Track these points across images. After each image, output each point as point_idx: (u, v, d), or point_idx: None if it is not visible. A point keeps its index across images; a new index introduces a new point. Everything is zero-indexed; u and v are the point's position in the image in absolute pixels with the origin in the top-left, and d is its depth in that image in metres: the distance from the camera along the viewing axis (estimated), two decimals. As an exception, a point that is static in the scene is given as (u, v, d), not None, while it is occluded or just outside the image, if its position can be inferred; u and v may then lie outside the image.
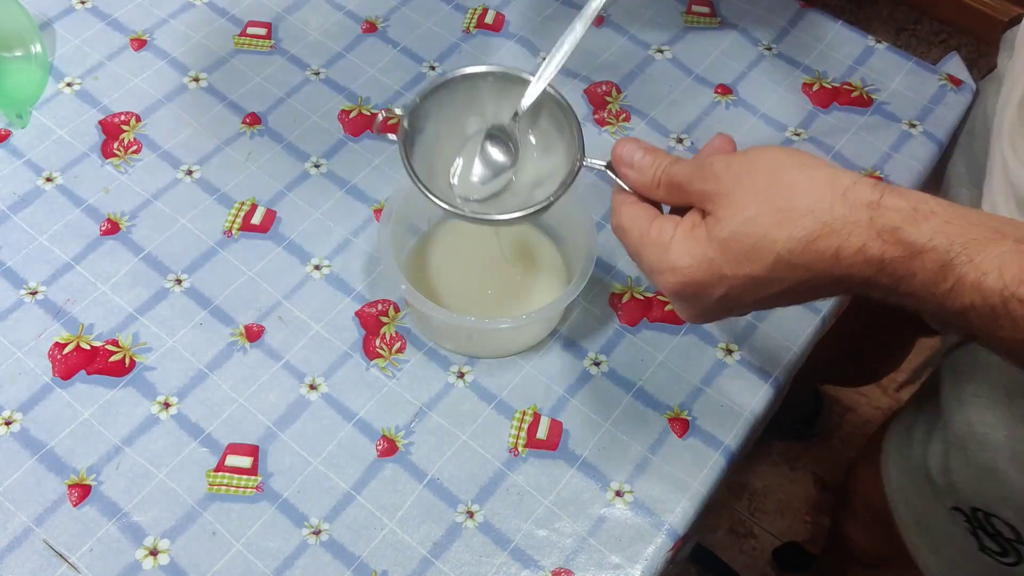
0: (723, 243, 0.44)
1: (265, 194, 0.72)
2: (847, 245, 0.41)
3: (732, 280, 0.44)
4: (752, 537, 1.36)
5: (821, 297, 0.46)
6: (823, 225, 0.42)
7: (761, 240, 0.43)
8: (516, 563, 0.59)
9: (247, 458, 0.61)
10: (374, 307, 0.68)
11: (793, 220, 0.42)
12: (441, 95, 0.56)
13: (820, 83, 0.81)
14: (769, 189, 0.43)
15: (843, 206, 0.42)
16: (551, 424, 0.64)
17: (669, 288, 0.47)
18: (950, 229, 0.41)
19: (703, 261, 0.45)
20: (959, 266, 0.40)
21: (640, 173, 0.49)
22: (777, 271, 0.43)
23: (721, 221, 0.44)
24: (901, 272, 0.41)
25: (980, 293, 0.40)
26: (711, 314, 0.48)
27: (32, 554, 0.57)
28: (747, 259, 0.43)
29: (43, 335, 0.65)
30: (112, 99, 0.76)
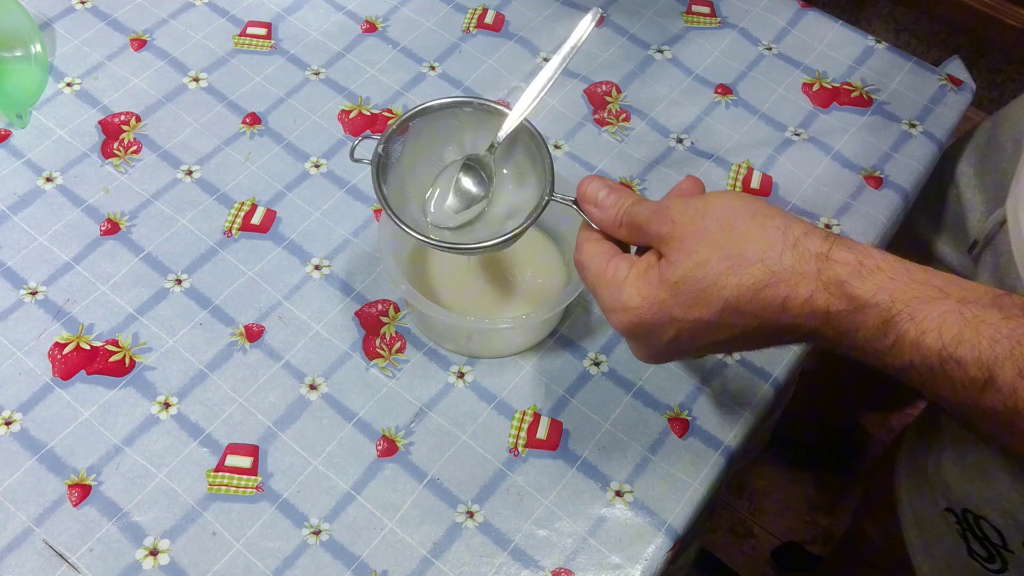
0: (674, 286, 0.45)
1: (265, 194, 0.72)
2: (795, 295, 0.42)
3: (682, 323, 0.45)
4: (752, 537, 1.36)
5: (773, 345, 0.47)
6: (772, 274, 0.43)
7: (711, 285, 0.44)
8: (516, 563, 0.59)
9: (247, 458, 0.61)
10: (374, 307, 0.68)
11: (743, 267, 0.43)
12: (418, 123, 0.57)
13: (820, 83, 0.81)
14: (722, 235, 0.44)
15: (792, 256, 0.43)
16: (551, 424, 0.64)
17: (621, 327, 0.48)
18: (894, 286, 0.41)
19: (654, 303, 0.46)
20: (900, 323, 0.41)
21: (603, 212, 0.50)
22: (725, 316, 0.44)
23: (673, 264, 0.45)
24: (845, 326, 0.42)
25: (919, 352, 0.40)
26: (663, 355, 0.49)
27: (32, 554, 0.57)
28: (696, 303, 0.44)
29: (43, 335, 0.65)
30: (112, 99, 0.77)
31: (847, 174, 0.76)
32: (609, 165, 0.75)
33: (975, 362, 0.39)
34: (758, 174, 0.76)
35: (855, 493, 1.10)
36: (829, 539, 1.36)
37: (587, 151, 0.76)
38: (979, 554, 0.63)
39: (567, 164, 0.75)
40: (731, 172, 0.76)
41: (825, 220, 0.73)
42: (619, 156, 0.76)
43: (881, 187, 0.75)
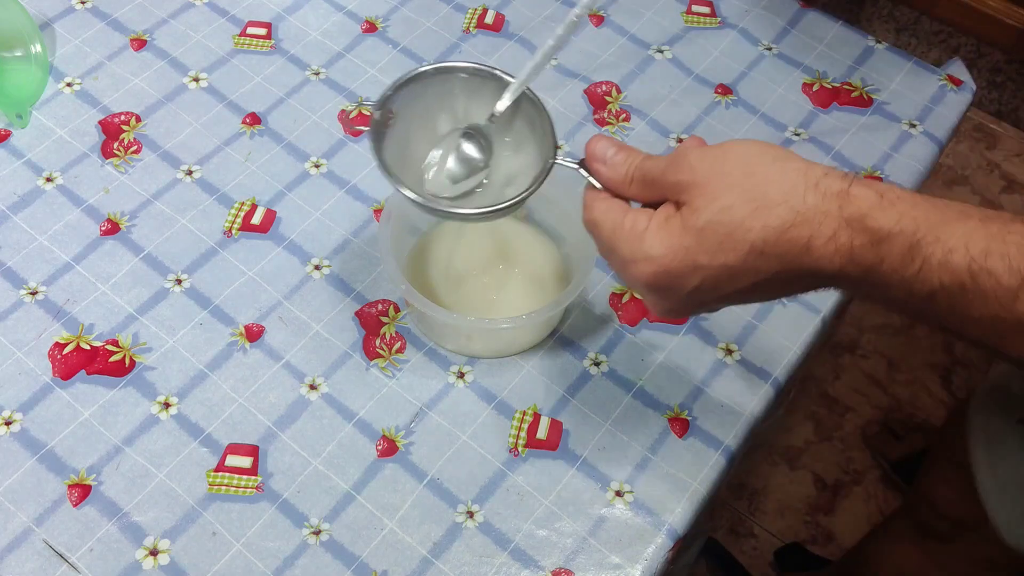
0: (699, 232, 0.44)
1: (265, 194, 0.72)
2: (818, 234, 0.42)
3: (707, 270, 0.44)
4: (752, 537, 1.36)
5: (792, 293, 0.47)
6: (796, 214, 0.42)
7: (737, 229, 0.43)
8: (516, 563, 0.59)
9: (247, 458, 0.61)
10: (374, 307, 0.68)
11: (767, 209, 0.43)
12: (413, 89, 0.56)
13: (820, 83, 0.81)
14: (744, 180, 0.44)
15: (815, 196, 0.43)
16: (551, 424, 0.64)
17: (643, 278, 0.46)
18: (916, 212, 0.42)
19: (678, 250, 0.45)
20: (926, 247, 0.41)
21: (613, 170, 0.49)
22: (750, 261, 0.43)
23: (696, 211, 0.44)
24: (870, 259, 0.42)
25: (948, 271, 0.40)
26: (683, 308, 0.48)
27: (32, 554, 0.57)
28: (722, 248, 0.44)
29: (43, 335, 0.65)
30: (112, 99, 0.76)
31: (847, 174, 0.76)
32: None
33: (1007, 270, 0.39)
34: (758, 174, 0.75)
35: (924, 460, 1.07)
36: (829, 539, 1.36)
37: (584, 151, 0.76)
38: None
39: (567, 164, 0.75)
40: (731, 172, 0.75)
41: (825, 220, 0.73)
42: (619, 156, 0.76)
43: (881, 187, 0.75)
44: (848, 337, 1.54)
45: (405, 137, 0.56)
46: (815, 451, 1.43)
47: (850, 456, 1.43)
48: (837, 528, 1.37)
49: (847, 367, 1.51)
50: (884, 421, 1.44)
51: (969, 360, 1.53)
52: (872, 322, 1.56)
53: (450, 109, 0.57)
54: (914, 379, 1.50)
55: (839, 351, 1.52)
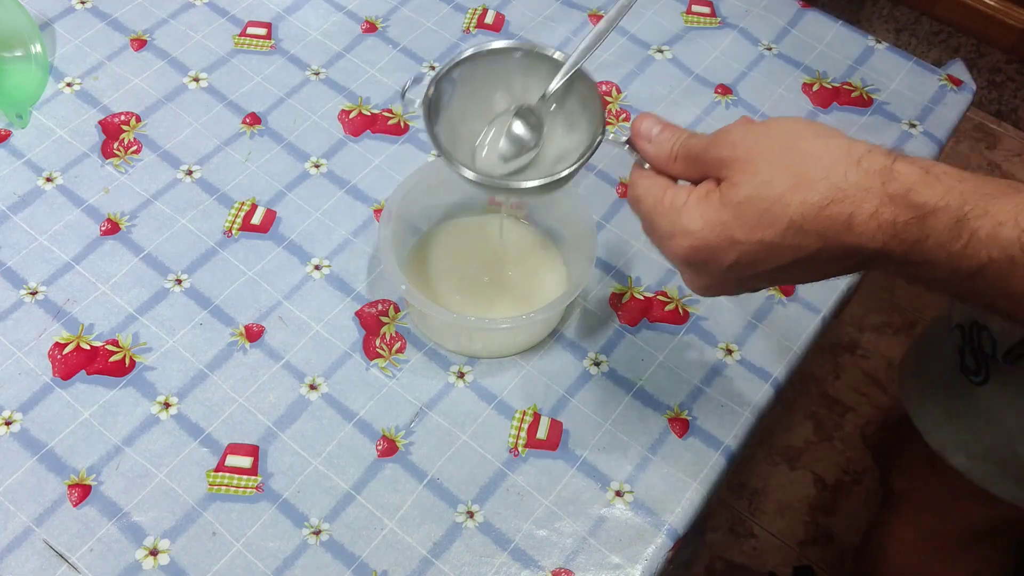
0: (737, 207, 0.44)
1: (265, 194, 0.72)
2: (860, 211, 0.41)
3: (744, 246, 0.44)
4: (752, 537, 1.36)
5: (833, 274, 0.46)
6: (837, 190, 0.42)
7: (775, 204, 0.43)
8: (516, 563, 0.59)
9: (247, 458, 0.61)
10: (374, 307, 0.68)
11: (808, 185, 0.42)
12: (468, 68, 0.56)
13: (820, 83, 0.81)
14: (785, 155, 0.43)
15: (857, 173, 0.42)
16: (551, 424, 0.64)
17: (680, 253, 0.46)
18: (963, 187, 0.41)
19: (716, 224, 0.44)
20: (973, 219, 0.40)
21: (658, 147, 0.49)
22: (789, 237, 0.43)
23: (736, 185, 0.44)
24: (914, 235, 0.41)
25: (997, 244, 0.39)
26: (721, 285, 0.48)
27: (32, 554, 0.57)
28: (760, 223, 0.43)
29: (43, 335, 0.65)
30: (112, 99, 0.77)
31: (847, 174, 0.76)
32: (609, 165, 0.75)
33: None
34: (758, 174, 0.75)
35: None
36: (829, 539, 1.36)
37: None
38: (969, 367, 0.67)
39: (567, 164, 0.75)
40: (731, 172, 0.75)
41: (825, 220, 0.73)
42: (619, 156, 0.76)
43: (881, 187, 0.75)
44: (848, 337, 1.54)
45: (459, 115, 0.56)
46: (815, 451, 1.43)
47: (850, 456, 1.43)
48: (837, 528, 1.37)
49: (847, 367, 1.51)
50: (884, 422, 1.44)
51: (969, 360, 1.53)
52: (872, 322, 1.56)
53: (506, 87, 0.57)
54: (914, 379, 1.50)
55: (839, 351, 1.52)
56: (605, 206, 0.73)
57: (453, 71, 0.56)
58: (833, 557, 1.35)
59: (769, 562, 1.34)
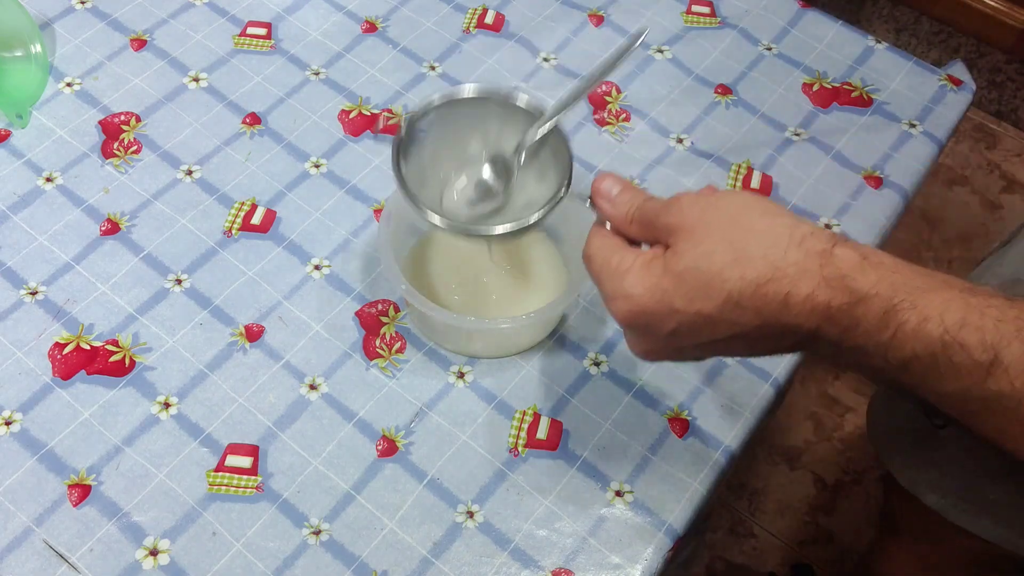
0: (678, 276, 0.44)
1: (265, 194, 0.72)
2: (797, 291, 0.42)
3: (682, 315, 0.45)
4: (752, 537, 1.36)
5: (775, 351, 0.46)
6: (775, 269, 0.42)
7: (714, 277, 0.43)
8: (516, 563, 0.59)
9: (247, 458, 0.61)
10: (374, 307, 0.68)
11: (748, 261, 0.43)
12: (445, 111, 0.57)
13: (820, 83, 0.81)
14: (729, 230, 0.44)
15: (797, 253, 0.42)
16: (551, 424, 0.64)
17: (621, 315, 0.47)
18: (895, 278, 0.41)
19: (656, 291, 0.45)
20: (901, 312, 0.40)
21: (615, 208, 0.50)
22: (727, 311, 0.43)
23: (679, 254, 0.45)
24: (846, 321, 0.42)
25: (921, 340, 0.40)
26: (661, 351, 0.49)
27: (32, 554, 0.57)
28: (699, 295, 0.44)
29: (43, 335, 0.65)
30: (112, 99, 0.77)
31: (847, 174, 0.76)
32: (609, 165, 0.75)
33: (979, 344, 0.39)
34: (758, 174, 0.76)
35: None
36: (829, 539, 1.36)
37: (587, 151, 0.76)
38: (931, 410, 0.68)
39: (567, 164, 0.75)
40: (731, 172, 0.76)
41: (825, 220, 0.73)
42: (619, 156, 0.76)
43: (881, 187, 0.75)
44: (848, 337, 1.53)
45: (431, 157, 0.57)
46: (815, 451, 1.43)
47: (850, 456, 1.43)
48: (837, 528, 1.37)
49: (847, 367, 1.51)
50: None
51: (969, 360, 1.52)
52: (872, 322, 1.56)
53: (482, 134, 0.58)
54: (914, 379, 1.50)
55: (839, 351, 1.52)
56: (605, 206, 0.73)
57: (430, 113, 0.56)
58: (833, 557, 1.35)
59: (769, 562, 1.34)
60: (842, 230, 0.73)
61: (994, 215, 1.69)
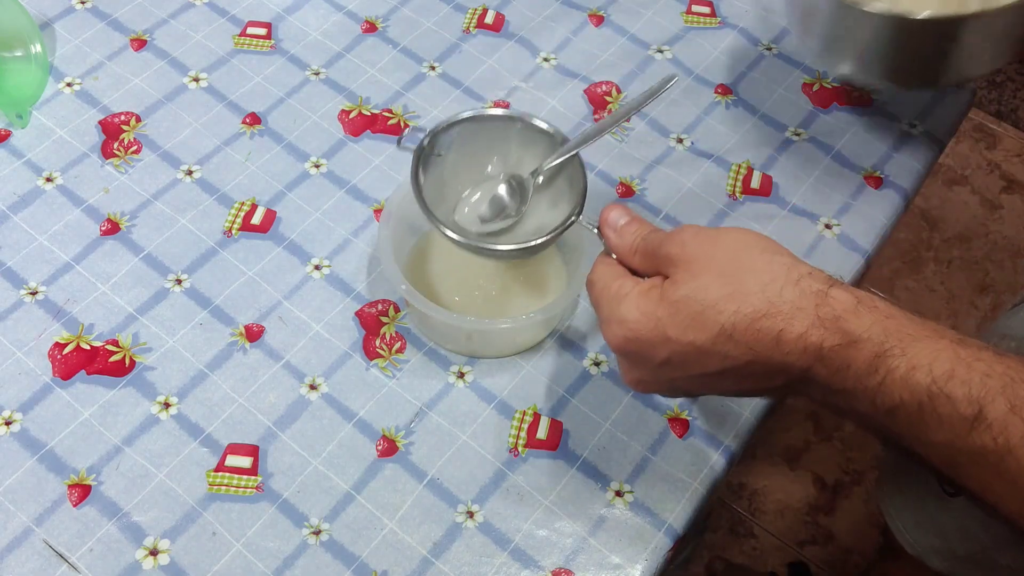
0: (673, 305, 0.45)
1: (265, 194, 0.72)
2: (790, 329, 0.42)
3: (675, 345, 0.45)
4: (752, 537, 1.36)
5: (765, 390, 0.47)
6: (770, 305, 0.43)
7: (709, 309, 0.44)
8: (516, 563, 0.59)
9: (247, 458, 0.61)
10: (374, 307, 0.68)
11: (743, 296, 0.43)
12: (469, 127, 0.59)
13: (820, 83, 0.81)
14: (728, 263, 0.45)
15: (793, 292, 0.43)
16: (551, 424, 0.64)
17: (616, 340, 0.47)
18: (888, 323, 0.42)
19: (650, 319, 0.45)
20: (891, 359, 0.41)
21: (621, 238, 0.51)
22: (719, 344, 0.44)
23: (676, 284, 0.45)
24: (837, 363, 0.42)
25: (908, 388, 0.40)
26: (653, 382, 0.49)
27: (32, 554, 0.57)
28: (692, 325, 0.44)
29: (43, 335, 0.65)
30: (112, 99, 0.77)
31: (847, 174, 0.76)
32: (609, 165, 0.75)
33: (965, 398, 0.39)
34: (758, 174, 0.76)
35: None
36: (829, 539, 1.36)
37: (587, 151, 0.76)
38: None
39: (567, 164, 0.75)
40: (731, 172, 0.76)
41: (825, 220, 0.73)
42: (619, 156, 0.76)
43: (881, 187, 0.75)
44: (848, 337, 1.53)
45: (450, 170, 0.59)
46: (815, 451, 1.43)
47: (850, 456, 1.43)
48: (837, 528, 1.37)
49: (847, 367, 1.51)
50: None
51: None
52: (872, 322, 1.56)
53: (502, 154, 0.60)
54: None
55: (839, 351, 1.52)
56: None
57: (453, 127, 0.58)
58: (833, 557, 1.35)
59: (769, 562, 1.34)
60: (842, 230, 0.73)
61: (994, 215, 1.69)
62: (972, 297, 1.60)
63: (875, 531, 1.36)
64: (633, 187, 0.74)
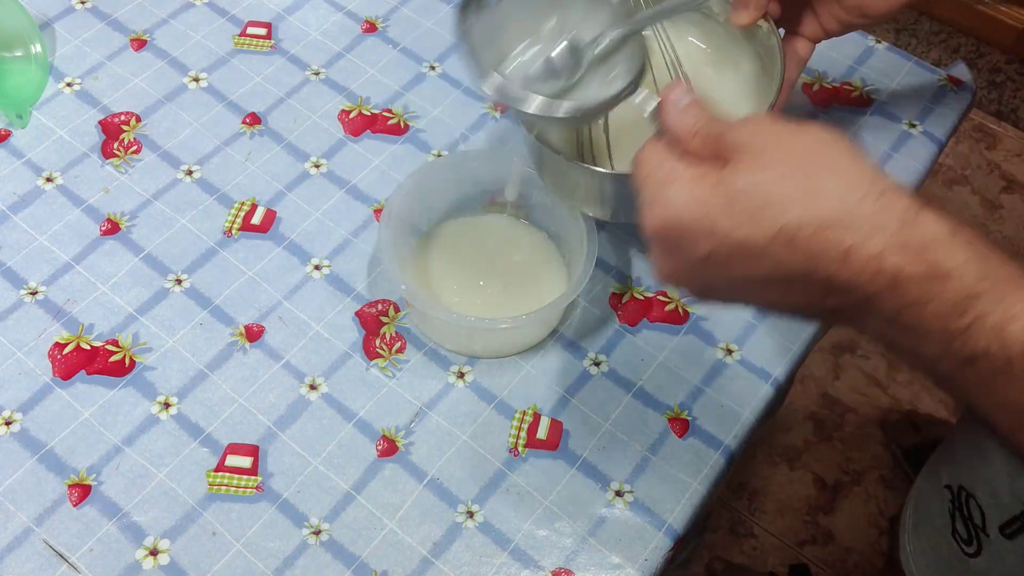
0: (731, 194, 0.39)
1: (265, 194, 0.72)
2: (863, 246, 0.37)
3: (722, 240, 0.39)
4: (752, 537, 1.36)
5: (810, 310, 0.41)
6: (845, 214, 0.37)
7: (773, 205, 0.38)
8: (516, 563, 0.59)
9: (247, 458, 0.61)
10: (374, 307, 0.68)
11: (815, 196, 0.38)
12: None
13: (820, 83, 0.81)
14: (805, 159, 0.39)
15: (874, 205, 0.37)
16: (551, 424, 0.64)
17: (653, 223, 0.42)
18: (987, 264, 0.36)
19: (700, 204, 0.40)
20: (984, 303, 0.36)
21: (682, 116, 0.44)
22: (775, 246, 0.38)
23: (738, 172, 0.40)
24: (915, 295, 0.36)
25: (1000, 339, 0.35)
26: (686, 277, 0.43)
27: (32, 554, 0.57)
28: (749, 219, 0.38)
29: (43, 335, 0.65)
30: (112, 99, 0.77)
31: (847, 174, 0.76)
32: (609, 165, 0.75)
33: None
34: (758, 174, 0.75)
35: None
36: (829, 539, 1.36)
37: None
38: (960, 535, 0.61)
39: (567, 164, 0.75)
40: (731, 172, 0.75)
41: (825, 220, 0.73)
42: (619, 156, 0.76)
43: (881, 187, 0.75)
44: (848, 337, 1.54)
45: (502, 22, 0.54)
46: (815, 451, 1.43)
47: (850, 456, 1.43)
48: (837, 528, 1.37)
49: (847, 367, 1.51)
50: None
51: (969, 360, 1.53)
52: (872, 322, 1.56)
53: (563, 17, 0.55)
54: (914, 379, 1.50)
55: (839, 351, 1.52)
56: (605, 206, 0.73)
57: None
58: (833, 557, 1.35)
59: (769, 562, 1.34)
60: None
61: (994, 215, 1.69)
62: (972, 297, 1.60)
63: (875, 531, 1.36)
64: (633, 187, 0.74)
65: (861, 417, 1.47)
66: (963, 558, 0.61)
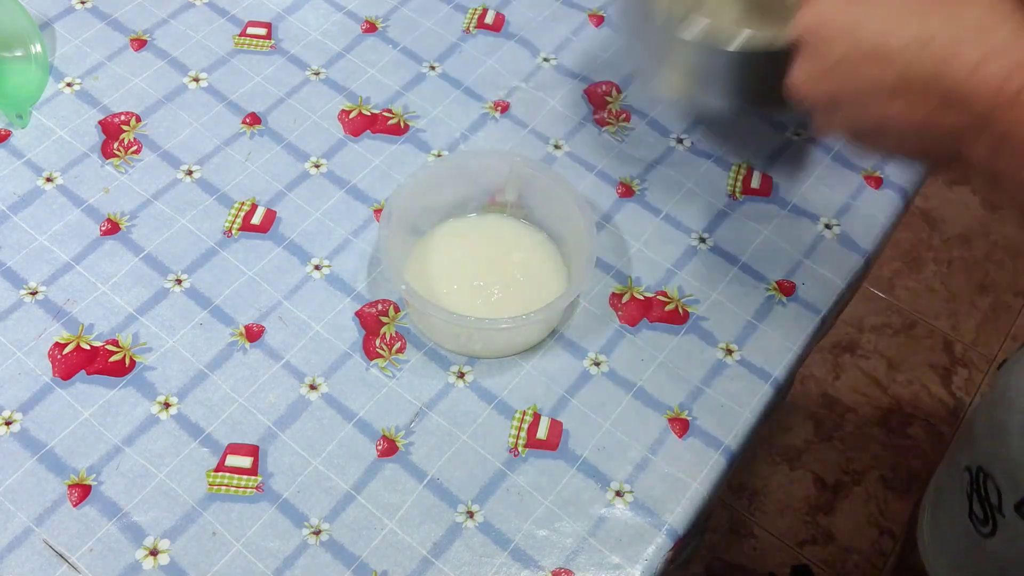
0: (879, 1, 0.42)
1: (265, 194, 0.72)
2: (992, 61, 0.39)
3: (859, 41, 0.41)
4: (752, 537, 1.36)
5: (933, 129, 0.42)
6: (980, 32, 0.39)
7: (912, 14, 0.41)
8: (516, 563, 0.59)
9: (247, 458, 0.61)
10: (374, 307, 0.68)
11: (955, 15, 0.40)
12: None
13: (820, 83, 0.81)
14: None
15: (1010, 33, 0.40)
16: (551, 424, 0.64)
17: (804, 22, 0.44)
18: None
19: (850, 2, 0.43)
20: None
21: None
22: (909, 52, 0.40)
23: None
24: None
25: None
26: (818, 81, 0.45)
27: (32, 554, 0.57)
28: (890, 23, 0.41)
29: (43, 335, 0.65)
30: (112, 99, 0.77)
31: (847, 174, 0.76)
32: (609, 165, 0.75)
33: None
34: (758, 174, 0.76)
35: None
36: (829, 539, 1.36)
37: (587, 151, 0.76)
38: (977, 516, 0.63)
39: (567, 164, 0.75)
40: (731, 172, 0.76)
41: (825, 220, 0.73)
42: (619, 156, 0.76)
43: (881, 187, 0.75)
44: (848, 337, 1.54)
45: None
46: (815, 451, 1.43)
47: (850, 456, 1.43)
48: (837, 528, 1.37)
49: (847, 367, 1.51)
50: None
51: (969, 360, 1.53)
52: (872, 322, 1.56)
53: None
54: (914, 379, 1.50)
55: (839, 351, 1.52)
56: (605, 206, 0.73)
57: None
58: (833, 557, 1.35)
59: (769, 562, 1.34)
60: (842, 230, 0.73)
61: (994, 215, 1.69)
62: (972, 297, 1.60)
63: (875, 531, 1.37)
64: (633, 187, 0.74)
65: (861, 417, 1.47)
66: (978, 539, 0.63)
